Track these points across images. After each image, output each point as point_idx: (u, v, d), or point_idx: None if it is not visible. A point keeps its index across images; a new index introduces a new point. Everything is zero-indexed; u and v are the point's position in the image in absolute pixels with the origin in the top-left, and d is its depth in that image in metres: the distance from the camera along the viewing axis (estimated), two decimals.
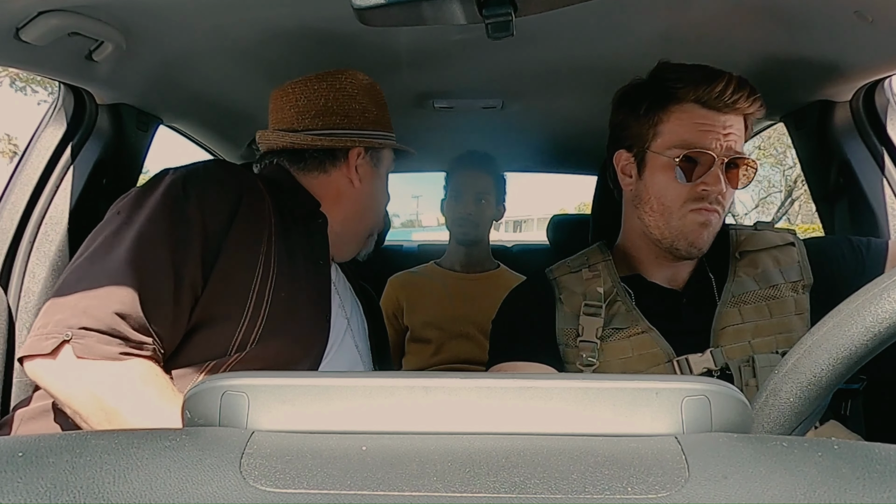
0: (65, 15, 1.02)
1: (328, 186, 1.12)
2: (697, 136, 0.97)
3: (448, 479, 0.33)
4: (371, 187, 1.16)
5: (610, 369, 0.98)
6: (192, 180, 0.91)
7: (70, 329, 0.79)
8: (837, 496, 0.31)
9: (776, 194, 17.66)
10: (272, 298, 0.92)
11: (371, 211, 1.19)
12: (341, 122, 1.11)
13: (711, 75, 0.97)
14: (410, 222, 33.24)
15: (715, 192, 0.97)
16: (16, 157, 2.37)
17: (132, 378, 0.80)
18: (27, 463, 0.33)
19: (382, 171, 1.19)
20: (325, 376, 0.41)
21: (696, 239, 0.99)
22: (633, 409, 0.40)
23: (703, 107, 0.97)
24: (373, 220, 1.20)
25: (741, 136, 1.00)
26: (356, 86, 1.13)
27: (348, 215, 1.14)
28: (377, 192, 1.18)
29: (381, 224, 1.23)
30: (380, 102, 1.18)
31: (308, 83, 1.12)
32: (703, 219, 0.98)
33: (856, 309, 0.43)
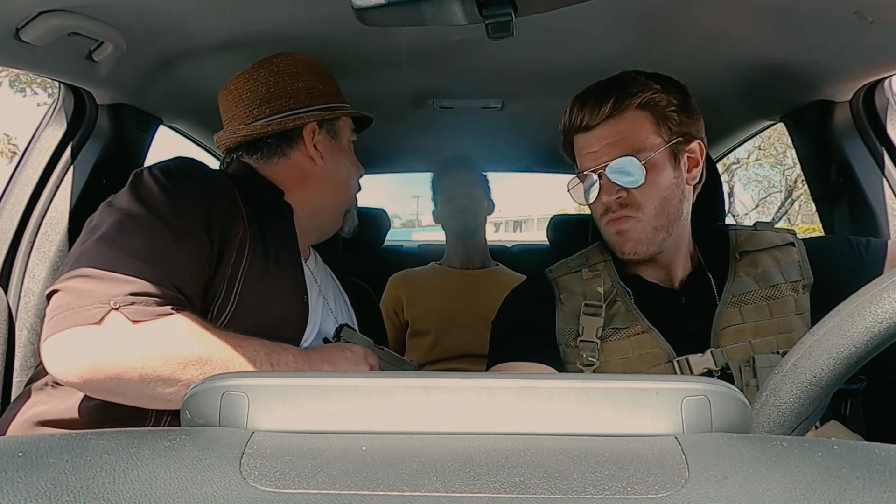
0: (65, 15, 1.03)
1: (292, 170, 1.11)
2: (581, 160, 1.04)
3: (448, 479, 0.33)
4: (335, 161, 1.15)
5: (610, 369, 0.98)
6: (170, 175, 0.93)
7: (113, 298, 0.78)
8: (837, 496, 0.31)
9: (776, 194, 17.66)
10: (243, 283, 0.92)
11: (341, 184, 1.17)
12: (287, 103, 1.09)
13: (572, 101, 1.04)
14: (410, 222, 33.24)
15: (609, 201, 1.00)
16: (15, 158, 2.37)
17: (193, 325, 0.83)
18: (27, 463, 0.33)
19: (343, 142, 1.17)
20: (325, 376, 0.41)
21: (621, 246, 1.03)
22: (633, 409, 0.40)
23: (580, 132, 1.03)
24: (346, 193, 1.18)
25: (625, 135, 0.99)
26: (295, 65, 1.12)
27: (319, 194, 1.13)
28: (342, 164, 1.16)
29: (353, 198, 1.21)
30: (324, 76, 1.16)
31: (246, 74, 1.12)
32: (614, 228, 1.02)
33: (856, 309, 0.43)
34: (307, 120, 1.10)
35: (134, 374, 0.78)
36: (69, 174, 1.42)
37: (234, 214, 0.95)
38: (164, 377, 0.79)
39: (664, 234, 1.01)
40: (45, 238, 1.38)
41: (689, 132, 1.02)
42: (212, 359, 0.81)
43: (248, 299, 0.93)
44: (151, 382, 0.79)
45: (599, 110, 0.99)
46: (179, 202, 0.90)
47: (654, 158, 0.98)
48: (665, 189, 0.99)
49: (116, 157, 1.51)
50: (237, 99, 1.12)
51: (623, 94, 0.99)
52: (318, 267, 1.19)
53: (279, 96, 1.10)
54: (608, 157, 0.99)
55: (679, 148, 1.01)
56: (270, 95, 1.10)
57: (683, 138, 1.01)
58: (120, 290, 0.79)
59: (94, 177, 1.46)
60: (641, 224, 1.00)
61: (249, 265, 0.94)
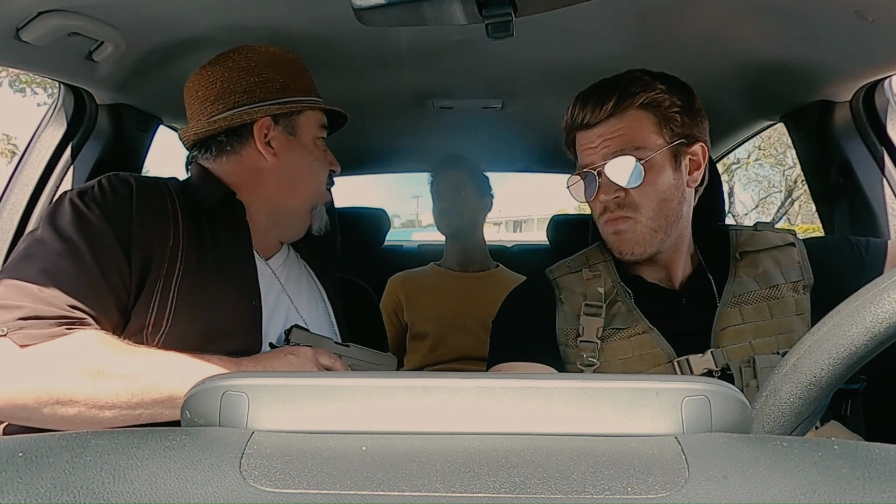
0: (65, 15, 1.03)
1: (243, 168, 1.07)
2: (581, 157, 1.04)
3: (448, 479, 0.33)
4: (291, 157, 1.09)
5: (610, 369, 0.98)
6: (85, 196, 0.93)
7: (3, 325, 0.78)
8: (837, 496, 0.31)
9: (776, 194, 17.66)
10: (177, 294, 0.90)
11: (298, 182, 1.11)
12: (241, 99, 1.06)
13: (575, 98, 1.04)
14: (410, 222, 33.24)
15: (608, 200, 1.00)
16: (15, 158, 2.37)
17: (92, 340, 0.81)
18: (27, 463, 0.33)
19: (305, 138, 1.11)
20: (325, 376, 0.41)
21: (618, 246, 1.02)
22: (633, 409, 0.40)
23: (581, 129, 1.03)
24: (307, 191, 1.12)
25: (625, 132, 0.98)
26: (254, 59, 1.08)
27: (274, 192, 1.09)
28: (302, 161, 1.11)
29: (321, 194, 1.15)
30: (289, 69, 1.11)
31: (202, 71, 1.09)
32: (611, 228, 1.02)
33: (856, 309, 0.43)
34: (256, 115, 1.05)
35: (27, 398, 0.77)
36: (69, 174, 1.42)
37: (161, 226, 0.94)
38: (60, 398, 0.77)
39: (662, 236, 1.01)
40: None
41: (692, 134, 1.02)
42: (111, 372, 0.79)
43: (186, 309, 0.90)
44: (49, 405, 0.77)
45: (601, 108, 0.99)
46: (89, 223, 0.89)
47: (654, 159, 0.98)
48: (664, 190, 0.99)
49: (116, 157, 1.51)
50: (193, 96, 1.10)
51: (626, 92, 0.99)
52: (287, 265, 1.15)
53: (232, 92, 1.06)
54: (607, 154, 0.99)
55: (681, 150, 1.01)
56: (223, 91, 1.06)
57: (686, 140, 1.01)
58: (9, 317, 0.78)
59: (93, 177, 1.44)
60: (639, 225, 1.00)
61: (183, 275, 0.92)
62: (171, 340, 0.88)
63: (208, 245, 0.98)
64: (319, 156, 1.13)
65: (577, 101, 1.03)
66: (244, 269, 1.01)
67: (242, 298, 0.98)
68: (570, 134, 1.07)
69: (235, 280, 0.99)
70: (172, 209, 0.97)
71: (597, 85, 1.03)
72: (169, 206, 0.97)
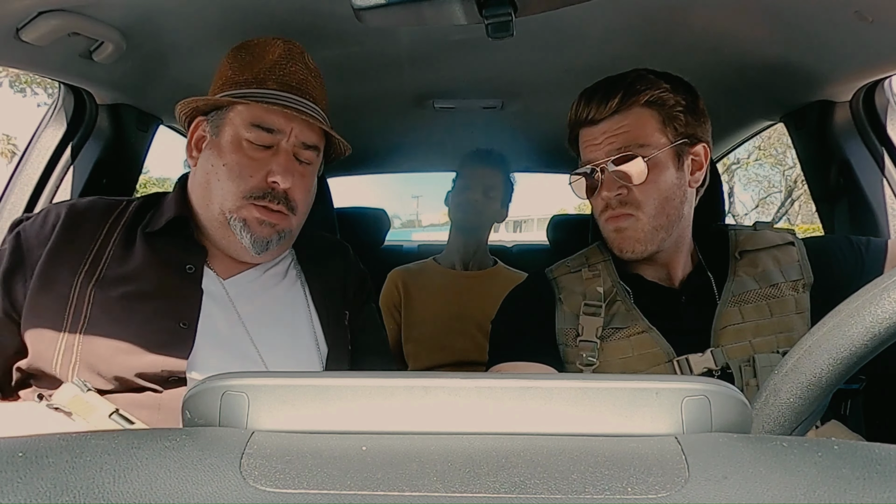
0: (65, 15, 1.03)
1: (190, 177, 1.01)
2: (585, 153, 1.04)
3: (448, 479, 0.33)
4: (205, 159, 0.97)
5: (610, 369, 0.98)
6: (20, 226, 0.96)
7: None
8: (837, 496, 0.31)
9: (776, 194, 17.67)
10: (94, 297, 0.89)
11: (205, 188, 0.97)
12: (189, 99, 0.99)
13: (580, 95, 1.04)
14: (410, 222, 33.27)
15: (610, 197, 1.00)
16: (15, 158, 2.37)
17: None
18: (27, 463, 0.33)
19: (224, 136, 0.96)
20: (325, 376, 0.41)
21: (620, 244, 1.02)
22: (633, 409, 0.40)
23: (585, 126, 1.03)
24: (215, 200, 0.96)
25: (629, 129, 0.98)
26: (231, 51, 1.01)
27: (198, 201, 0.98)
28: (208, 163, 0.96)
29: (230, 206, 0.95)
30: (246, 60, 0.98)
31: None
32: (613, 226, 1.02)
33: (856, 309, 0.43)
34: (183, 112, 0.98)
35: None
36: (69, 174, 1.42)
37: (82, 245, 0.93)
38: None
39: (663, 235, 1.01)
40: None
41: (695, 134, 1.02)
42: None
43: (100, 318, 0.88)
44: None
45: (606, 104, 0.99)
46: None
47: (657, 157, 0.98)
48: (666, 189, 0.99)
49: (116, 157, 1.51)
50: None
51: (631, 89, 0.99)
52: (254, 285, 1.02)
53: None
54: (611, 150, 0.99)
55: (683, 149, 1.01)
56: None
57: (689, 140, 1.01)
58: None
59: (94, 177, 1.46)
60: (641, 223, 1.00)
61: (99, 286, 0.90)
62: (87, 346, 0.87)
63: (142, 263, 0.93)
64: (234, 160, 0.94)
65: (582, 97, 1.03)
66: (183, 290, 0.93)
67: (169, 318, 0.90)
68: (573, 131, 1.07)
69: (168, 300, 0.91)
70: (106, 230, 0.96)
71: (602, 82, 1.03)
72: (100, 228, 0.96)
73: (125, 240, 0.95)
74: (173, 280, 0.94)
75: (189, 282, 0.95)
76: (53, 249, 0.92)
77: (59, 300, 0.89)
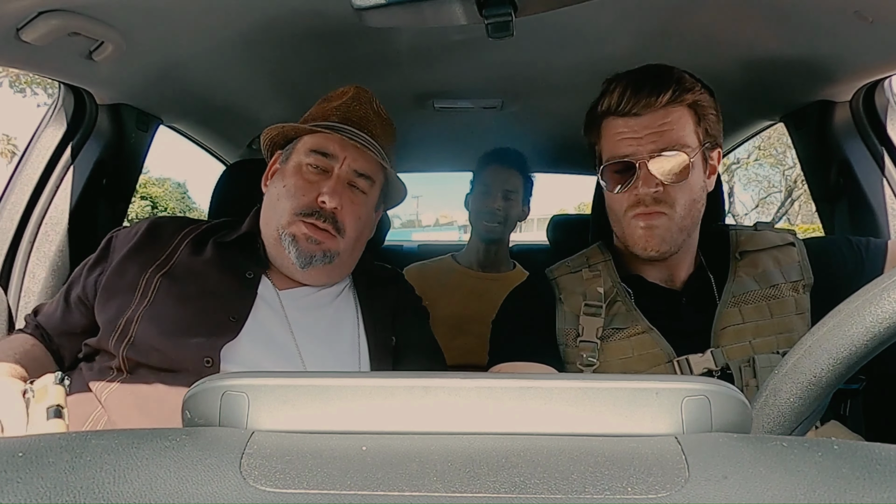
0: (65, 15, 1.03)
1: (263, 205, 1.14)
2: (617, 146, 0.99)
3: (448, 479, 0.33)
4: (274, 185, 1.10)
5: (610, 369, 0.98)
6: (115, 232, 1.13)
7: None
8: (837, 496, 0.31)
9: (776, 194, 17.68)
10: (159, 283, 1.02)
11: (268, 210, 1.10)
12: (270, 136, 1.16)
13: (615, 83, 1.00)
14: (410, 222, 33.25)
15: (646, 194, 0.97)
16: (15, 158, 2.37)
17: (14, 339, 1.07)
18: (27, 463, 0.33)
19: (290, 164, 1.09)
20: (325, 376, 0.41)
21: (646, 243, 0.99)
22: (633, 409, 0.40)
23: (618, 117, 0.99)
24: (272, 219, 1.07)
25: (673, 127, 0.97)
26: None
27: (262, 221, 1.11)
28: (273, 188, 1.10)
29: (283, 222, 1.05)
30: (323, 101, 1.15)
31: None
32: (643, 223, 0.99)
33: (856, 309, 0.43)
34: (266, 148, 1.14)
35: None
36: (69, 174, 1.42)
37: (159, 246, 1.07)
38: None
39: (685, 236, 1.01)
40: (45, 238, 1.38)
41: (716, 139, 1.02)
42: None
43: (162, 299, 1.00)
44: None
45: (656, 98, 0.96)
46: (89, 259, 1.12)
47: (695, 158, 0.98)
48: (696, 191, 0.99)
49: (116, 157, 1.51)
50: None
51: (680, 87, 0.97)
52: (311, 301, 1.09)
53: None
54: (653, 147, 0.97)
55: (708, 153, 1.01)
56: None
57: (711, 144, 1.02)
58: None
59: (94, 177, 1.46)
60: (671, 222, 0.99)
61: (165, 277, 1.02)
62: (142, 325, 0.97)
63: (208, 265, 1.05)
64: (293, 182, 1.06)
65: (626, 86, 0.98)
66: (240, 289, 1.04)
67: (220, 312, 0.99)
68: (600, 118, 1.02)
69: (224, 295, 1.02)
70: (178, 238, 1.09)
71: (641, 73, 0.99)
72: (177, 234, 1.10)
73: (196, 244, 1.08)
74: (232, 282, 1.04)
75: (246, 285, 1.05)
76: (134, 247, 1.06)
77: (130, 285, 1.01)
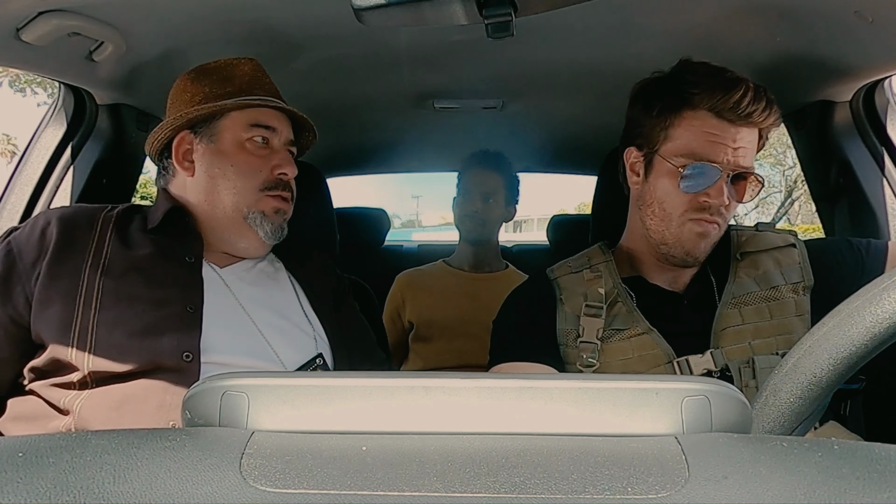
0: (65, 15, 1.03)
1: (177, 187, 1.09)
2: (706, 146, 0.95)
3: (448, 479, 0.33)
4: (207, 166, 1.05)
5: (610, 370, 0.98)
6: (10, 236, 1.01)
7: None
8: (837, 496, 0.31)
9: (776, 194, 17.68)
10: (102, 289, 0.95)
11: (215, 191, 1.05)
12: (169, 118, 1.06)
13: (730, 83, 0.94)
14: (410, 222, 33.28)
15: (717, 204, 0.96)
16: (15, 158, 2.37)
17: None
18: (27, 463, 0.33)
19: (225, 142, 1.05)
20: (325, 376, 0.41)
21: (693, 248, 0.99)
22: (633, 409, 0.40)
23: (716, 116, 0.94)
24: (227, 200, 1.04)
25: (752, 148, 0.97)
26: (190, 78, 1.09)
27: (199, 205, 1.06)
28: (214, 168, 1.05)
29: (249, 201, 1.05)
30: (223, 77, 1.08)
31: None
32: (701, 229, 0.98)
33: (856, 309, 0.43)
34: (166, 132, 1.05)
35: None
36: (69, 174, 1.42)
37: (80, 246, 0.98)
38: None
39: (712, 248, 1.02)
40: None
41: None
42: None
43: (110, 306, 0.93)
44: None
45: (768, 114, 0.94)
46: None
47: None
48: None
49: (116, 157, 1.51)
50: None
51: (773, 108, 0.96)
52: (250, 274, 1.09)
53: (167, 116, 1.09)
54: (747, 160, 0.96)
55: None
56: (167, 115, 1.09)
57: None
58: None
59: (94, 177, 1.46)
60: (719, 232, 1.00)
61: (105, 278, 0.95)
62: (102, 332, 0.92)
63: (143, 256, 1.00)
64: (242, 160, 1.05)
65: (748, 89, 0.93)
66: (186, 277, 1.00)
67: (177, 304, 0.96)
68: (684, 105, 0.96)
69: (173, 286, 0.98)
70: (98, 231, 1.01)
71: (751, 84, 0.95)
72: (93, 228, 1.01)
73: (120, 237, 1.02)
74: (175, 269, 1.01)
75: (189, 271, 1.02)
76: (56, 251, 0.97)
77: (69, 292, 0.94)
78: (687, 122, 0.97)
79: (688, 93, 0.96)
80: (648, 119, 1.01)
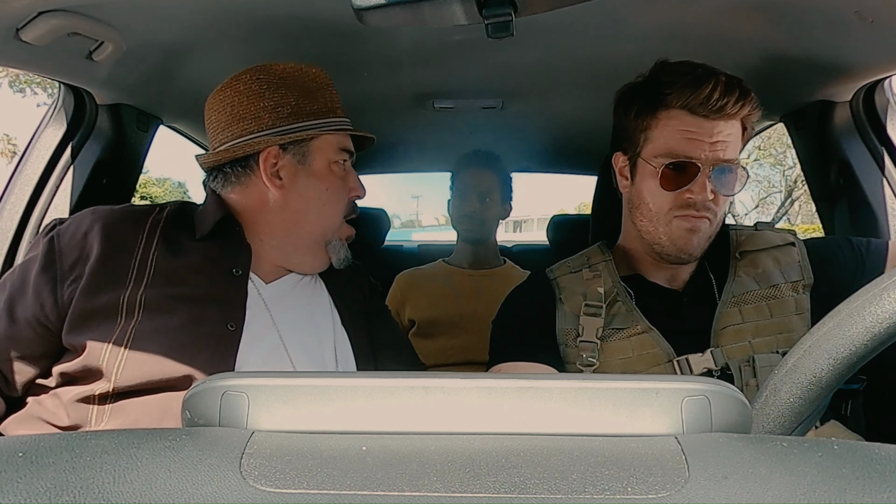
0: (65, 15, 1.02)
1: (249, 198, 1.04)
2: (683, 144, 0.95)
3: (448, 479, 0.33)
4: (299, 188, 1.03)
5: (610, 369, 0.98)
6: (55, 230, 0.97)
7: None
8: (837, 496, 0.31)
9: (776, 194, 17.69)
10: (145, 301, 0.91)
11: (307, 215, 1.04)
12: (249, 126, 1.01)
13: (699, 79, 0.94)
14: (410, 222, 33.28)
15: (701, 199, 0.96)
16: (15, 158, 2.38)
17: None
18: (27, 463, 0.33)
19: (317, 165, 1.04)
20: (325, 376, 0.41)
21: (686, 245, 0.99)
22: (633, 409, 0.40)
23: (689, 113, 0.95)
24: (315, 225, 1.04)
25: (734, 140, 0.97)
26: (266, 81, 1.02)
27: (280, 224, 1.03)
28: (309, 191, 1.03)
29: (334, 227, 1.06)
30: (303, 89, 1.04)
31: (216, 94, 1.05)
32: (689, 225, 0.98)
33: (856, 309, 0.43)
34: (260, 146, 1.00)
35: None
36: (69, 174, 1.42)
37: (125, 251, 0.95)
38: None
39: (707, 244, 1.02)
40: None
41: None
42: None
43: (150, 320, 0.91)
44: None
45: (740, 105, 0.94)
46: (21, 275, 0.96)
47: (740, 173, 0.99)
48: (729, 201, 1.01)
49: (116, 157, 1.51)
50: (208, 121, 1.07)
51: (752, 101, 0.96)
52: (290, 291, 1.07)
53: (241, 118, 1.02)
54: (728, 152, 0.96)
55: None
56: (234, 117, 1.02)
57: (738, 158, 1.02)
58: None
59: (94, 177, 1.46)
60: (710, 228, 1.00)
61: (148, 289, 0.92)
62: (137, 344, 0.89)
63: (189, 266, 0.97)
64: (334, 184, 1.05)
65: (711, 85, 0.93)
66: (230, 292, 0.97)
67: (217, 321, 0.94)
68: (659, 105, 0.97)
69: (216, 302, 0.95)
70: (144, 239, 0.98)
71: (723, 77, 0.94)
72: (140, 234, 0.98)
73: (167, 244, 0.98)
74: (220, 282, 0.97)
75: (235, 286, 0.99)
76: (100, 260, 0.93)
77: (110, 304, 0.91)
78: (663, 123, 0.98)
79: (662, 94, 0.97)
80: (629, 123, 1.02)
